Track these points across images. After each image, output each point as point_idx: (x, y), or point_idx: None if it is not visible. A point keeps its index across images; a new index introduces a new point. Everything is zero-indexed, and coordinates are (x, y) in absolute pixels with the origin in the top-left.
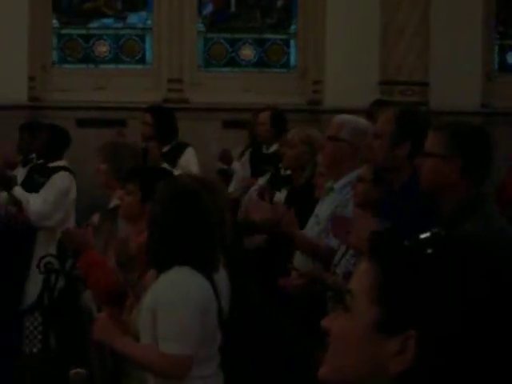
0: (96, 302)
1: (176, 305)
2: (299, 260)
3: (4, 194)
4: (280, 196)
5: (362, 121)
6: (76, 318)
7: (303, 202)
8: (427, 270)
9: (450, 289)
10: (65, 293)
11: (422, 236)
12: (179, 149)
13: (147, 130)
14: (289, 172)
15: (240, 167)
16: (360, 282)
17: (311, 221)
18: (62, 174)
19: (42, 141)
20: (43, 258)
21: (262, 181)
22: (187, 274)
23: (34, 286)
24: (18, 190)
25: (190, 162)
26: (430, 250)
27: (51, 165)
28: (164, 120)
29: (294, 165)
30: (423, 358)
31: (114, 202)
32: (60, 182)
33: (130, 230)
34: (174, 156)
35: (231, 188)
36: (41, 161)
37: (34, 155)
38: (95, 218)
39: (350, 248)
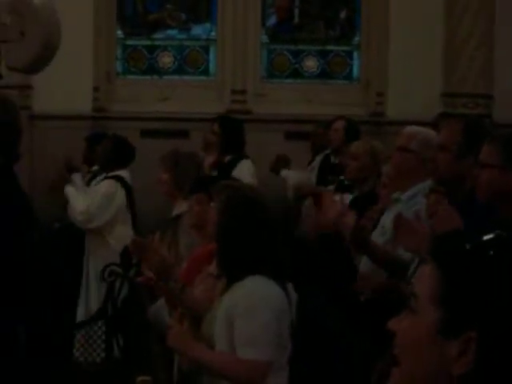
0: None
1: (254, 311)
2: (367, 265)
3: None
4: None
5: (431, 132)
6: (140, 325)
7: (365, 212)
8: (488, 272)
9: (509, 290)
10: (128, 301)
11: (485, 238)
12: (236, 160)
13: (213, 139)
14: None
15: (292, 173)
16: (422, 285)
17: (376, 231)
18: (107, 181)
19: (104, 151)
20: (107, 266)
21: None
22: (262, 281)
23: (96, 294)
24: (68, 188)
25: (242, 173)
26: (491, 252)
27: (110, 174)
28: (230, 131)
29: (357, 176)
30: (484, 360)
31: (176, 211)
32: (104, 187)
33: (198, 238)
34: (229, 167)
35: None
36: (102, 171)
37: (96, 166)
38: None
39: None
